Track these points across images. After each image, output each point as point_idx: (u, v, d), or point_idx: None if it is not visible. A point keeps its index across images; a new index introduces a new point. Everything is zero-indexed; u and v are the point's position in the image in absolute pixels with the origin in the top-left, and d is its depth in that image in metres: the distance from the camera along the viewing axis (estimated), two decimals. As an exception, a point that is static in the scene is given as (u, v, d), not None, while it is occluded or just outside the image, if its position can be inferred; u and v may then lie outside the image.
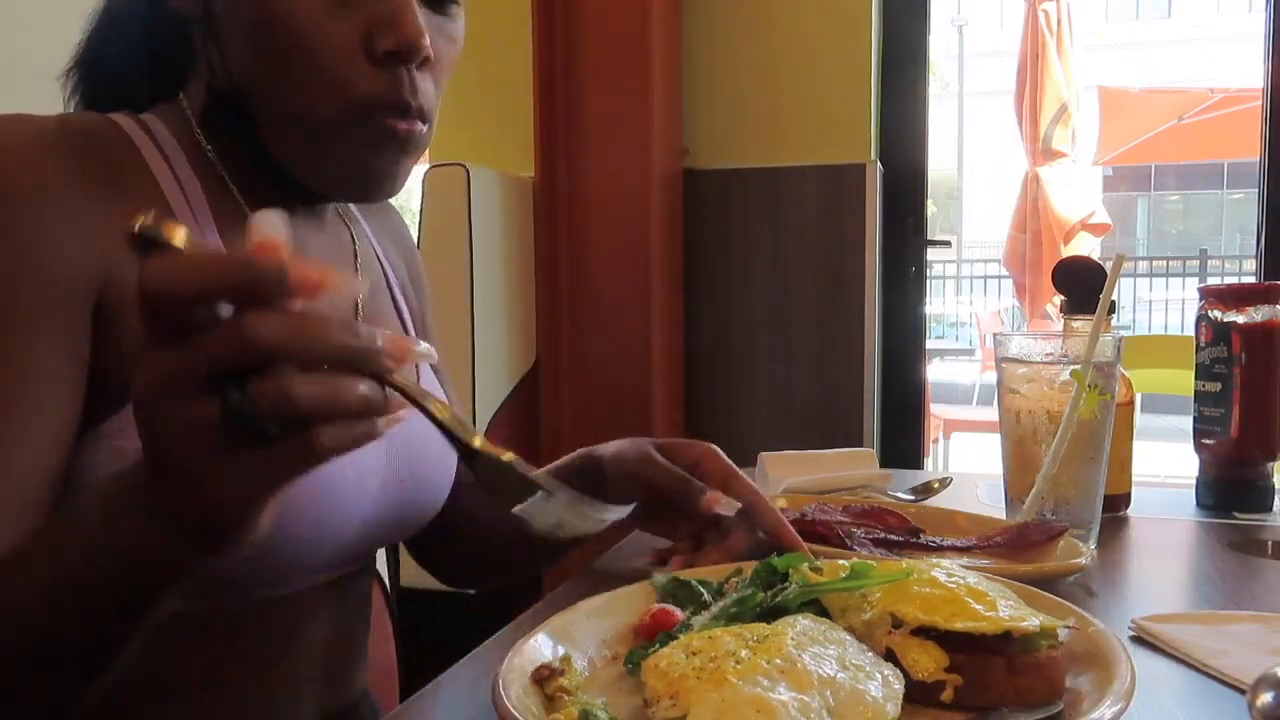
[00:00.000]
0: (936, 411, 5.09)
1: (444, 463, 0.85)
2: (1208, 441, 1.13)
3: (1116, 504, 1.07)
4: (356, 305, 0.83)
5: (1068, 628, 0.58)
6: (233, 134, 0.73)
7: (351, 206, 0.91)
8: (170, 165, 0.71)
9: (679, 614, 0.65)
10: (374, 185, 0.73)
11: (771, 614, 0.62)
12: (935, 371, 7.23)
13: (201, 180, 0.72)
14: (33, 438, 0.60)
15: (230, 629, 0.72)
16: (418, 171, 2.07)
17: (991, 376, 1.16)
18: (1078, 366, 0.87)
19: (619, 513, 0.50)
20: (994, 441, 1.02)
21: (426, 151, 2.53)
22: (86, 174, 0.66)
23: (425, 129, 0.73)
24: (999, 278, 11.40)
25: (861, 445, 2.19)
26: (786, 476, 1.11)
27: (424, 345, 0.47)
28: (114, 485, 0.52)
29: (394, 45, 0.68)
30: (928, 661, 0.55)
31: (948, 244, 3.38)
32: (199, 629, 0.71)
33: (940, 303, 12.41)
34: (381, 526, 0.79)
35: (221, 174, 0.74)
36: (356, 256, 0.85)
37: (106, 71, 0.79)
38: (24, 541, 0.55)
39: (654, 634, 0.62)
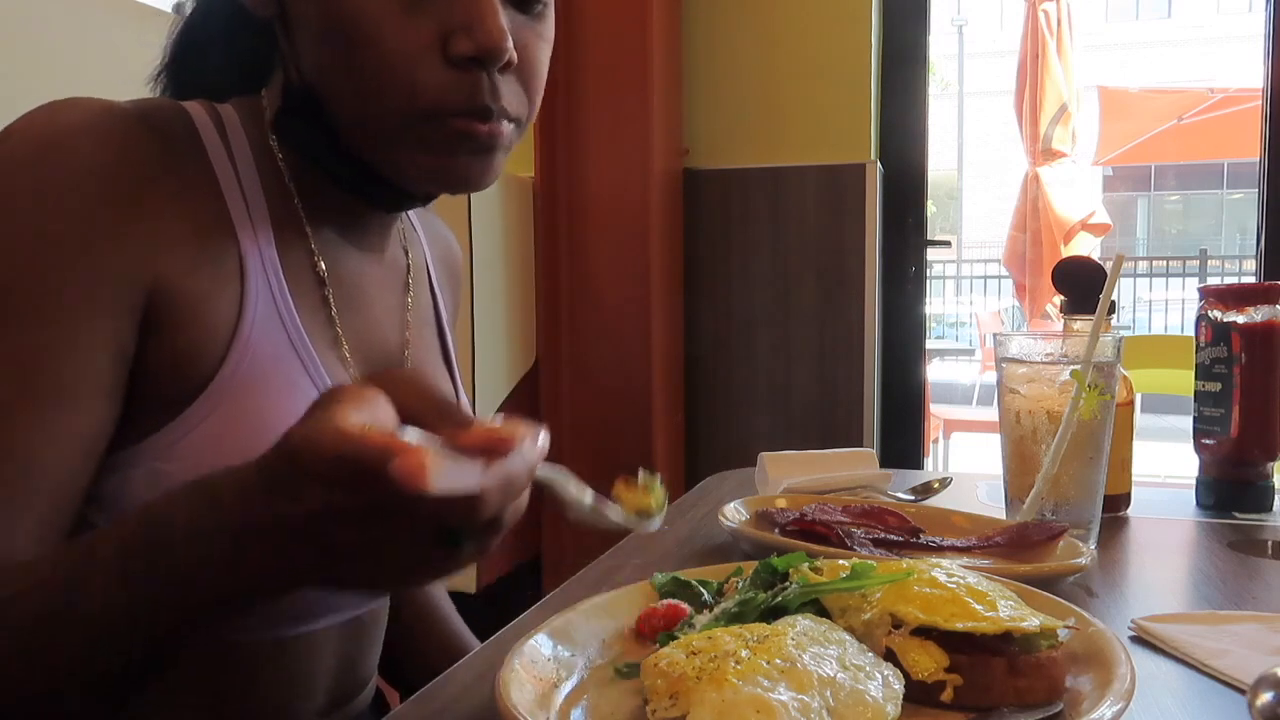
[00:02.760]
0: (936, 411, 5.09)
1: None
2: (1208, 441, 1.13)
3: (1116, 504, 1.07)
4: (405, 341, 0.81)
5: (1068, 628, 0.58)
6: (308, 136, 0.70)
7: (414, 223, 0.88)
8: (234, 164, 0.69)
9: (687, 608, 0.65)
10: (456, 183, 0.70)
11: (772, 614, 0.62)
12: (935, 371, 7.23)
13: (265, 185, 0.70)
14: (59, 437, 0.58)
15: (246, 663, 0.70)
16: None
17: (991, 376, 1.16)
18: (1078, 366, 0.87)
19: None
20: (994, 441, 1.02)
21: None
22: (151, 168, 0.63)
23: (512, 128, 0.70)
24: (999, 278, 11.40)
25: (861, 445, 2.19)
26: (786, 476, 1.11)
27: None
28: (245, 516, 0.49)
29: (473, 50, 0.64)
30: (928, 661, 0.55)
31: (948, 244, 3.38)
32: (213, 663, 0.69)
33: (940, 303, 12.41)
34: None
35: (286, 180, 0.71)
36: (409, 287, 0.83)
37: (192, 74, 0.77)
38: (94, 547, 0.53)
39: (668, 626, 0.63)
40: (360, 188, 0.73)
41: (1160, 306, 10.92)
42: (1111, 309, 0.93)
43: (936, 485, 1.18)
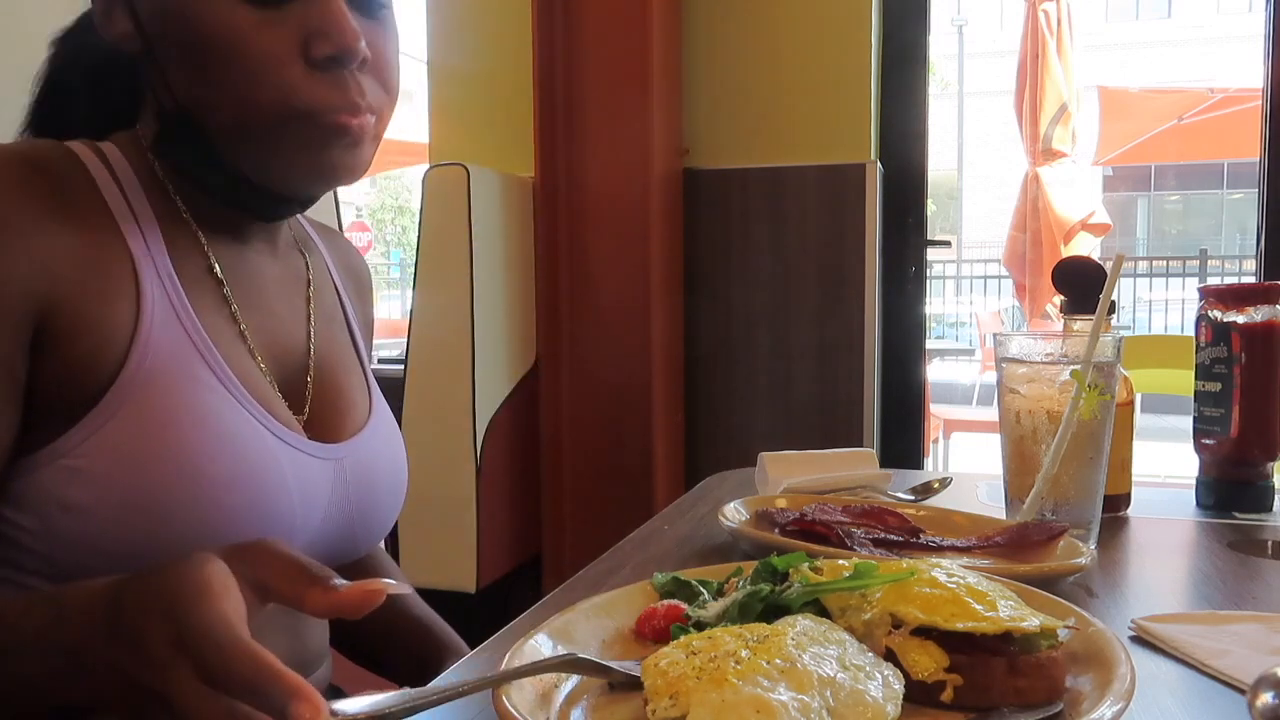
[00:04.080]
0: (936, 411, 5.09)
1: (392, 492, 0.86)
2: (1208, 441, 1.13)
3: (1116, 504, 1.07)
4: (309, 334, 0.84)
5: (1068, 628, 0.58)
6: (186, 155, 0.75)
7: (312, 234, 0.93)
8: (123, 191, 0.73)
9: (687, 608, 0.65)
10: (330, 177, 0.75)
11: (772, 613, 0.62)
12: (935, 371, 7.23)
13: (154, 206, 0.74)
14: None
15: None
16: (418, 172, 2.07)
17: (991, 376, 1.17)
18: (1078, 366, 0.87)
19: None
20: (994, 441, 1.02)
21: (426, 152, 2.48)
22: (34, 198, 0.67)
23: (373, 120, 0.75)
24: (999, 278, 11.40)
25: (861, 445, 2.19)
26: (786, 476, 1.11)
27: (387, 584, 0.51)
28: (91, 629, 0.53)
29: (332, 50, 0.70)
30: (928, 662, 0.55)
31: (948, 244, 3.38)
32: None
33: (940, 303, 12.41)
34: (326, 549, 0.80)
35: (175, 200, 0.76)
36: (310, 285, 0.87)
37: (63, 115, 0.81)
38: None
39: (665, 628, 0.63)
40: (239, 200, 0.77)
41: (1160, 306, 10.92)
42: (1111, 309, 0.94)
43: (936, 485, 1.18)
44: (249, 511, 0.70)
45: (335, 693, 0.89)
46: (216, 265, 0.77)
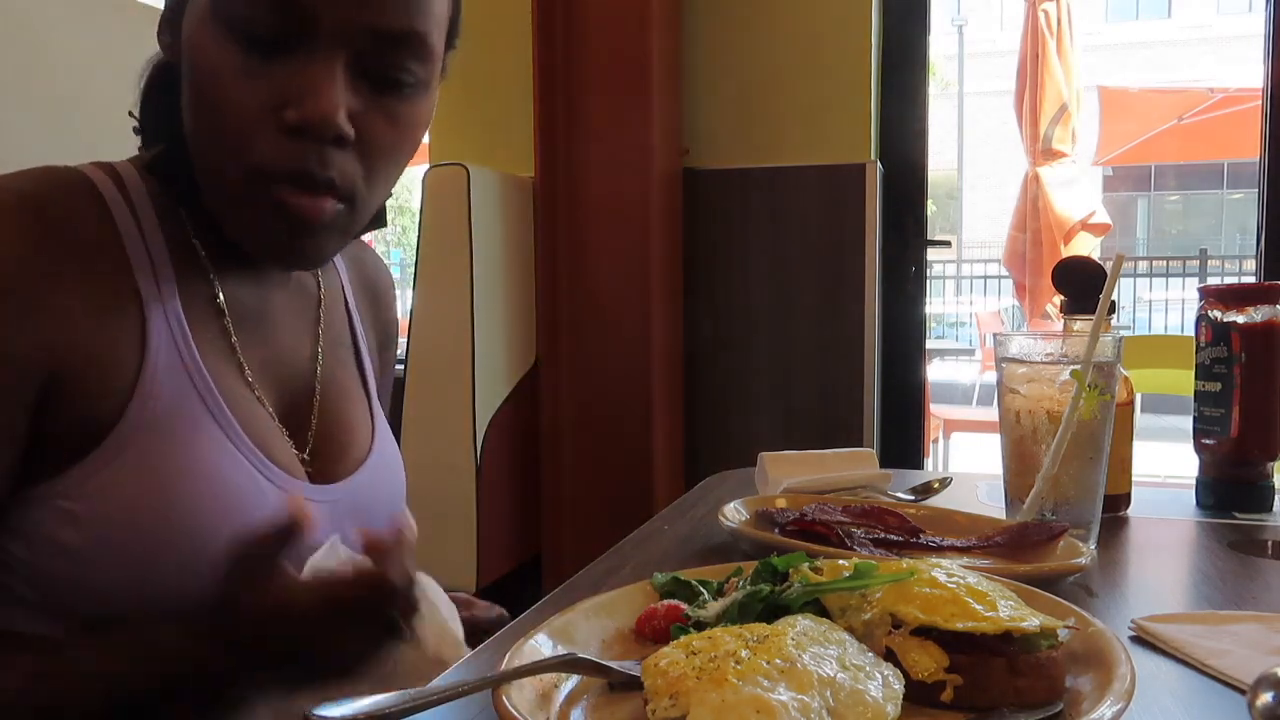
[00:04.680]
0: (936, 411, 5.09)
1: (390, 522, 0.86)
2: (1208, 441, 1.13)
3: (1116, 504, 1.07)
4: (316, 362, 0.83)
5: (1068, 628, 0.58)
6: (175, 181, 0.73)
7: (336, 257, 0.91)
8: (137, 217, 0.71)
9: (687, 608, 0.65)
10: (279, 256, 0.72)
11: (772, 613, 0.62)
12: (935, 371, 7.23)
13: (166, 234, 0.72)
14: None
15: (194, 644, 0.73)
16: (418, 172, 2.07)
17: (991, 376, 1.17)
18: (1078, 366, 0.87)
19: None
20: (994, 441, 1.02)
21: (426, 152, 2.48)
22: (44, 255, 0.65)
23: (341, 208, 0.70)
24: (999, 278, 11.39)
25: (861, 445, 2.19)
26: (786, 476, 1.11)
27: None
28: None
29: (299, 119, 0.65)
30: (928, 661, 0.55)
31: (948, 244, 3.37)
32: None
33: (940, 303, 12.40)
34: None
35: (187, 225, 0.74)
36: (320, 309, 0.86)
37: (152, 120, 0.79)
38: None
39: (668, 626, 0.63)
40: (221, 242, 0.74)
41: (1160, 306, 10.91)
42: (1111, 309, 0.94)
43: (936, 485, 1.18)
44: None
45: None
46: (221, 296, 0.75)
